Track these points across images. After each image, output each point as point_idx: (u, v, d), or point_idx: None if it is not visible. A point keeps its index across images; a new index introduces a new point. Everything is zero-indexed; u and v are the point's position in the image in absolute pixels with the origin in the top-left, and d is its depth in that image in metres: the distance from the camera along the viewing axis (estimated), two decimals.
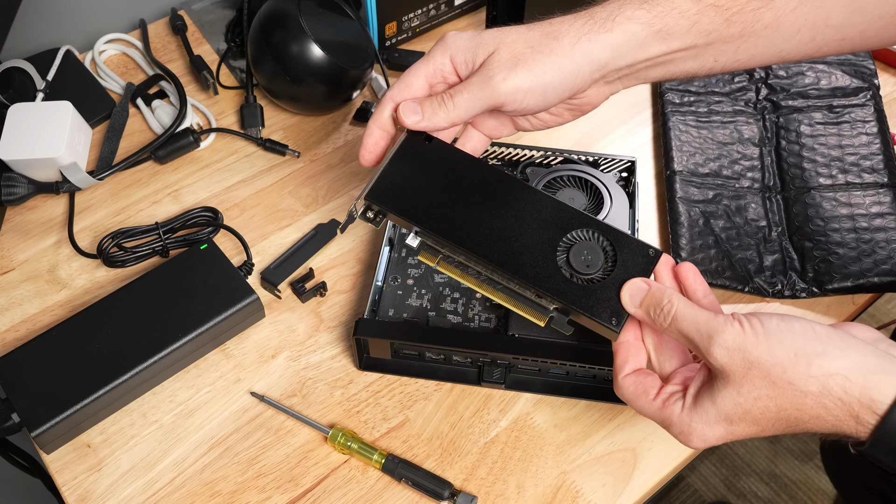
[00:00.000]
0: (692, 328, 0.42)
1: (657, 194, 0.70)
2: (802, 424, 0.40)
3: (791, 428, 0.41)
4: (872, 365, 0.39)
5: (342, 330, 0.62)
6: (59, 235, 0.67)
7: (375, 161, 0.52)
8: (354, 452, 0.55)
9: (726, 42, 0.48)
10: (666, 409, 0.43)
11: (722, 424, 0.41)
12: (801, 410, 0.39)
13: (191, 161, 0.72)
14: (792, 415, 0.40)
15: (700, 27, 0.47)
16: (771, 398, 0.40)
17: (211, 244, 0.62)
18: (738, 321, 0.41)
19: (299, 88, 0.68)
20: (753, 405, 0.40)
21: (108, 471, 0.55)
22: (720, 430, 0.41)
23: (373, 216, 0.50)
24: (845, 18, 0.48)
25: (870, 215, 0.65)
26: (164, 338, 0.57)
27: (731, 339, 0.40)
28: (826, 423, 0.39)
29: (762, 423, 0.41)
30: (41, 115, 0.68)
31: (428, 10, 0.80)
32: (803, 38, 0.49)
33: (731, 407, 0.41)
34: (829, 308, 0.63)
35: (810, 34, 0.48)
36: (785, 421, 0.40)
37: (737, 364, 0.40)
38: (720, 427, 0.41)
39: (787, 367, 0.39)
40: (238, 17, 0.80)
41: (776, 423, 0.41)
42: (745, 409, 0.40)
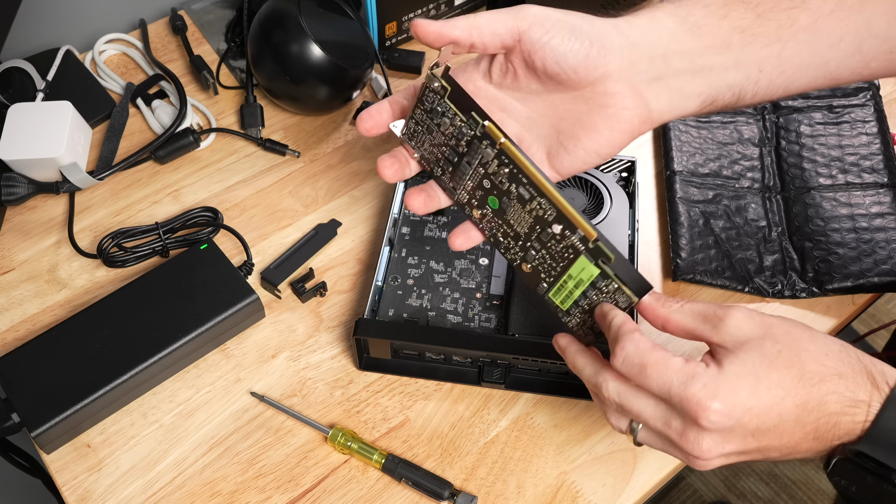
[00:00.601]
0: (706, 304, 0.42)
1: (657, 194, 0.70)
2: (826, 384, 0.39)
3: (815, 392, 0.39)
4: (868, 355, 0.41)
5: (342, 330, 0.62)
6: (59, 235, 0.67)
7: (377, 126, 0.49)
8: (354, 452, 0.55)
9: (765, 45, 0.45)
10: (690, 365, 0.40)
11: (748, 379, 0.39)
12: (825, 365, 0.39)
13: (191, 161, 0.72)
14: (817, 372, 0.39)
15: (731, 21, 0.45)
16: (794, 353, 0.39)
17: (211, 244, 0.62)
18: None
19: (299, 88, 0.68)
20: (778, 357, 0.39)
21: (108, 471, 0.55)
22: (745, 388, 0.38)
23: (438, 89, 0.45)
24: (889, 27, 0.46)
25: (870, 215, 0.65)
26: (164, 338, 0.57)
27: (748, 310, 0.41)
28: (847, 383, 0.39)
29: (787, 383, 0.39)
30: (41, 115, 0.68)
31: (428, 11, 0.80)
32: (849, 48, 0.46)
33: (756, 358, 0.39)
34: (829, 308, 0.63)
35: (856, 43, 0.46)
36: (809, 379, 0.39)
37: (756, 324, 0.40)
38: (745, 383, 0.38)
39: (807, 328, 0.41)
40: (238, 17, 0.80)
41: (801, 383, 0.39)
42: (771, 361, 0.39)
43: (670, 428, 0.40)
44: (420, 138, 0.47)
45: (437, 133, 0.46)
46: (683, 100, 0.45)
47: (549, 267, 0.45)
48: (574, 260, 0.43)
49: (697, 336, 0.42)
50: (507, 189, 0.44)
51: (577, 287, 0.44)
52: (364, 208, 0.69)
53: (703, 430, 0.39)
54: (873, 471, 0.39)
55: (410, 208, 0.48)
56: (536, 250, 0.45)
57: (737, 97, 0.46)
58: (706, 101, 0.46)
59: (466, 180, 0.46)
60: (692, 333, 0.42)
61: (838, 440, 0.40)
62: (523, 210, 0.44)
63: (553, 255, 0.44)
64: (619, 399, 0.42)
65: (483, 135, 0.43)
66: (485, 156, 0.44)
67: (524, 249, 0.45)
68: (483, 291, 0.60)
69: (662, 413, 0.40)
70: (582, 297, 0.44)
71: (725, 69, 0.45)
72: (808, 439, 0.40)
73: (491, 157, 0.44)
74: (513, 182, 0.44)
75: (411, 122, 0.47)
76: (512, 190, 0.44)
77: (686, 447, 0.39)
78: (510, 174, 0.43)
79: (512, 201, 0.44)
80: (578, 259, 0.43)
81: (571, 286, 0.44)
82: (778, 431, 0.39)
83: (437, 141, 0.46)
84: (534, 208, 0.44)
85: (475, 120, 0.44)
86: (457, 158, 0.46)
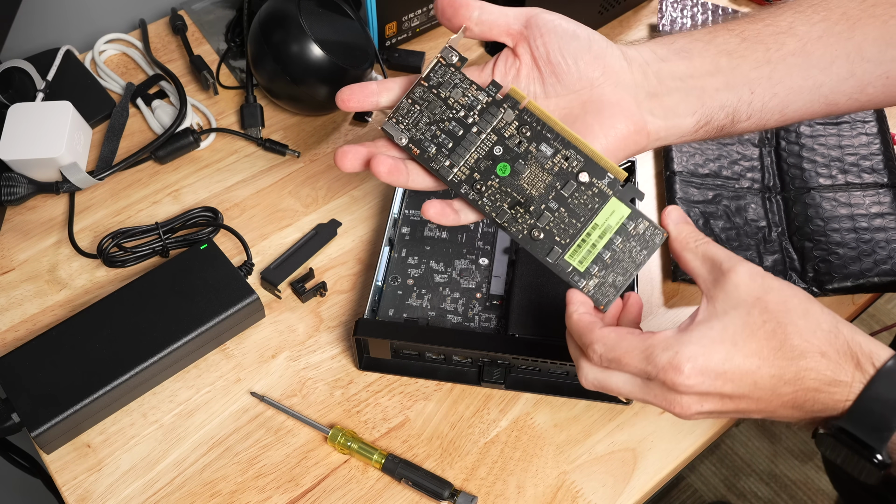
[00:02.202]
0: (721, 252, 0.42)
1: (657, 195, 0.70)
2: (806, 360, 0.39)
3: (792, 365, 0.39)
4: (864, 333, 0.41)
5: (342, 330, 0.62)
6: (59, 235, 0.67)
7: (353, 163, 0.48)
8: (354, 452, 0.55)
9: (754, 67, 0.46)
10: (659, 336, 0.41)
11: (724, 345, 0.39)
12: (809, 342, 0.39)
13: (191, 161, 0.72)
14: (799, 346, 0.39)
15: (717, 46, 0.46)
16: (780, 324, 0.39)
17: (211, 244, 0.62)
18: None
19: (299, 88, 0.68)
20: (761, 329, 0.39)
21: (108, 471, 0.55)
22: (720, 352, 0.39)
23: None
24: (881, 52, 0.47)
25: (870, 215, 0.65)
26: (164, 338, 0.57)
27: (757, 268, 0.41)
28: (829, 363, 0.39)
29: (764, 353, 0.39)
30: (41, 115, 0.68)
31: (428, 10, 0.80)
32: (841, 72, 0.47)
33: (738, 326, 0.40)
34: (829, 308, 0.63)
35: (848, 67, 0.47)
36: (789, 352, 0.39)
37: (756, 286, 0.40)
38: (720, 347, 0.39)
39: (805, 301, 0.40)
40: (238, 17, 0.80)
41: (779, 354, 0.39)
42: (752, 332, 0.39)
43: (650, 395, 0.42)
44: (414, 118, 0.47)
45: (440, 108, 0.47)
46: (678, 117, 0.47)
47: (568, 224, 0.46)
48: (601, 207, 0.45)
49: (698, 281, 0.43)
50: (527, 149, 0.46)
51: (602, 237, 0.45)
52: (364, 208, 0.69)
53: (680, 393, 0.40)
54: (854, 448, 0.40)
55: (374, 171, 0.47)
56: (552, 210, 0.46)
57: (731, 118, 0.47)
58: (701, 121, 0.47)
59: (472, 152, 0.46)
60: (695, 275, 0.43)
61: (820, 413, 0.40)
62: (542, 169, 0.46)
63: (574, 210, 0.46)
64: (599, 385, 0.44)
65: (505, 98, 0.46)
66: (505, 118, 0.46)
67: (537, 214, 0.46)
68: (483, 291, 0.60)
69: (640, 386, 0.42)
70: (606, 248, 0.45)
71: (717, 90, 0.46)
72: (786, 407, 0.41)
73: (511, 118, 0.46)
74: (534, 140, 0.46)
75: (405, 103, 0.47)
76: (532, 150, 0.46)
77: (666, 407, 0.41)
78: (533, 133, 0.46)
79: (529, 162, 0.46)
80: (608, 203, 0.45)
81: (596, 237, 0.45)
82: (754, 397, 0.40)
83: (438, 117, 0.47)
84: (557, 162, 0.46)
85: (496, 85, 0.46)
86: (462, 131, 0.46)
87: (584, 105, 0.46)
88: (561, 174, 0.46)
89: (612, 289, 0.46)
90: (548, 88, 0.46)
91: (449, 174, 0.47)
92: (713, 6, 0.82)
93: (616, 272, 0.45)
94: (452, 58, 0.47)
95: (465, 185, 0.47)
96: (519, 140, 0.46)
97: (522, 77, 0.47)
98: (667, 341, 0.40)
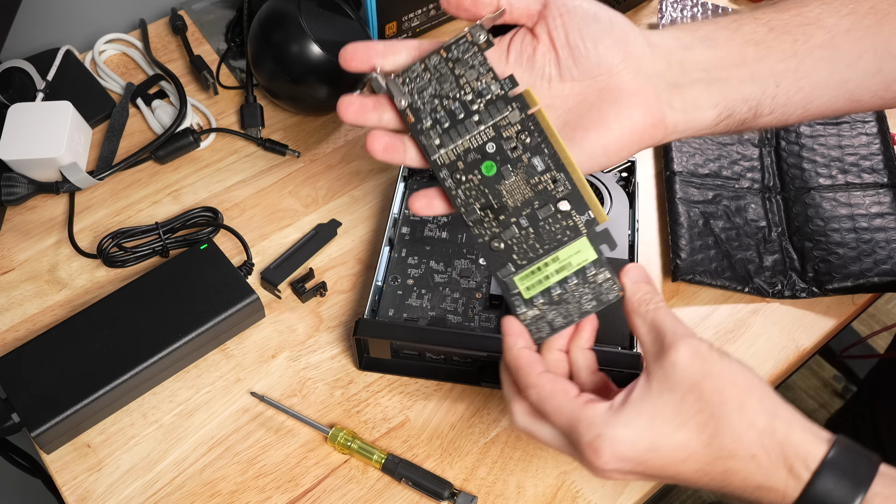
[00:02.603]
0: (668, 322, 0.40)
1: (657, 195, 0.70)
2: (734, 461, 0.37)
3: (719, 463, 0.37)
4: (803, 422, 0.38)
5: (342, 330, 0.62)
6: (59, 235, 0.67)
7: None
8: (354, 452, 0.55)
9: (780, 59, 0.44)
10: (589, 408, 0.39)
11: (650, 433, 0.38)
12: (740, 443, 0.37)
13: (191, 161, 0.72)
14: (728, 446, 0.37)
15: (744, 35, 0.44)
16: (713, 417, 0.37)
17: (211, 244, 0.62)
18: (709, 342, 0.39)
19: (299, 88, 0.68)
20: (692, 420, 0.37)
21: (108, 471, 0.55)
22: (645, 441, 0.38)
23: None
24: None
25: (870, 215, 0.65)
26: (164, 338, 0.57)
27: (702, 346, 0.38)
28: (759, 467, 0.37)
29: (692, 447, 0.37)
30: (41, 115, 0.68)
31: (428, 10, 0.80)
32: (868, 68, 0.45)
33: (669, 412, 0.38)
34: (829, 308, 0.63)
35: (875, 63, 0.45)
36: (718, 450, 0.37)
37: (694, 369, 0.38)
38: (646, 435, 0.38)
39: (742, 392, 0.38)
40: (238, 17, 0.80)
41: (707, 451, 0.37)
42: (682, 421, 0.37)
43: (574, 456, 0.41)
44: (421, 85, 0.44)
45: (450, 85, 0.44)
46: (699, 110, 0.44)
47: (531, 248, 0.43)
48: (569, 242, 0.43)
49: (642, 349, 0.41)
50: (519, 157, 0.43)
51: (560, 272, 0.43)
52: (364, 208, 0.69)
53: (597, 469, 0.39)
54: None
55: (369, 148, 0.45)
56: (521, 227, 0.43)
57: (754, 112, 0.45)
58: (722, 114, 0.45)
59: (465, 139, 0.44)
60: (640, 342, 0.41)
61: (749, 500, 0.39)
62: (526, 182, 0.43)
63: (542, 234, 0.43)
64: (528, 431, 0.43)
65: (517, 97, 0.43)
66: (509, 118, 0.43)
67: (505, 225, 0.44)
68: (483, 291, 0.60)
69: (566, 445, 0.41)
70: (558, 285, 0.43)
71: (741, 81, 0.44)
72: (712, 489, 0.39)
73: (515, 120, 0.43)
74: (530, 151, 0.43)
75: (418, 67, 0.44)
76: (524, 159, 0.43)
77: (586, 467, 0.40)
78: (531, 142, 0.43)
79: (517, 171, 0.43)
80: (577, 241, 0.43)
81: (552, 270, 0.43)
82: (677, 480, 0.39)
83: (445, 92, 0.44)
84: (542, 181, 0.43)
85: (513, 81, 0.43)
86: (463, 115, 0.44)
87: (601, 92, 0.43)
88: (543, 194, 0.43)
89: (547, 327, 0.43)
90: (563, 71, 0.44)
91: (434, 153, 0.44)
92: (713, 6, 0.82)
93: (559, 312, 0.43)
94: (480, 37, 0.44)
95: (445, 170, 0.44)
96: (515, 145, 0.44)
97: (538, 58, 0.44)
98: (592, 419, 0.39)
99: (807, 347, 0.61)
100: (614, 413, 0.39)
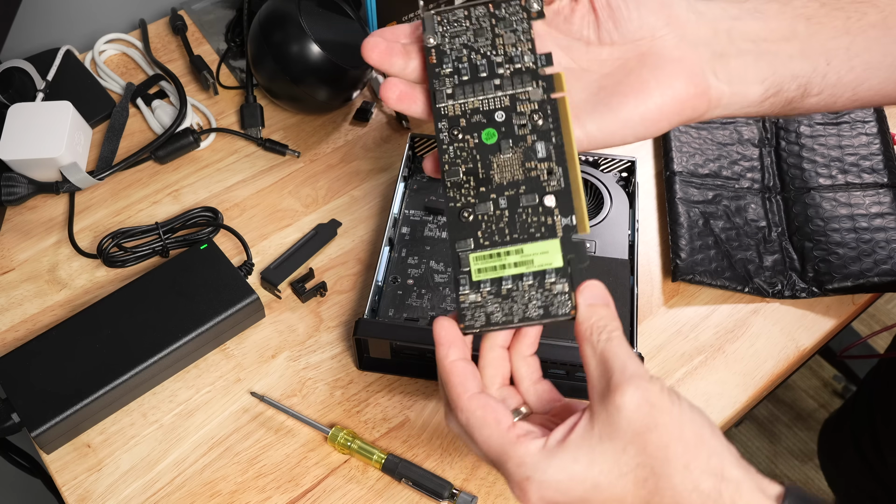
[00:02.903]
0: (619, 358, 0.36)
1: (657, 195, 0.70)
2: None
3: None
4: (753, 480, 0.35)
5: (342, 330, 0.62)
6: (59, 235, 0.67)
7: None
8: (354, 452, 0.55)
9: (832, 36, 0.42)
10: (520, 444, 0.36)
11: (585, 482, 0.35)
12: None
13: (191, 161, 0.72)
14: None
15: (794, 9, 0.42)
16: (654, 474, 0.34)
17: (211, 244, 0.62)
18: (661, 383, 0.36)
19: (299, 88, 0.68)
20: (632, 473, 0.34)
21: (108, 471, 0.55)
22: (577, 490, 0.35)
23: None
24: None
25: (870, 215, 0.65)
26: (164, 338, 0.57)
27: (651, 391, 0.35)
28: None
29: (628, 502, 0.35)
30: (41, 115, 0.68)
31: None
32: None
33: (607, 465, 0.35)
34: (829, 308, 0.63)
35: None
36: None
37: (640, 417, 0.34)
38: (580, 485, 0.35)
39: (690, 449, 0.34)
40: (238, 17, 0.80)
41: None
42: (621, 473, 0.34)
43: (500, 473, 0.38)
44: (455, 31, 0.42)
45: (484, 40, 0.42)
46: (745, 84, 0.41)
47: (499, 230, 0.40)
48: (540, 239, 0.39)
49: (588, 383, 0.37)
50: (524, 136, 0.41)
51: (518, 266, 0.39)
52: (364, 208, 0.69)
53: None
54: None
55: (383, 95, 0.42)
56: (498, 206, 0.40)
57: (802, 90, 0.42)
58: (770, 90, 0.42)
59: (478, 99, 0.41)
60: (587, 374, 0.38)
61: None
62: (521, 164, 0.41)
63: (515, 222, 0.40)
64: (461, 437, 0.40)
65: (545, 77, 0.41)
66: (530, 94, 0.41)
67: (482, 198, 0.40)
68: None
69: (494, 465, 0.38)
70: (512, 279, 0.39)
71: (790, 56, 0.42)
72: None
73: (536, 98, 0.41)
74: (536, 133, 0.41)
75: (460, 14, 0.42)
76: (528, 140, 0.41)
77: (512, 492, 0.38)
78: (541, 126, 0.41)
79: (516, 149, 0.41)
80: (549, 241, 0.39)
81: (511, 261, 0.40)
82: None
83: (477, 47, 0.42)
84: (537, 169, 0.40)
85: (549, 59, 0.41)
86: (486, 74, 0.41)
87: (642, 57, 0.40)
88: (533, 182, 0.40)
89: (483, 318, 0.39)
90: (602, 34, 0.41)
91: (442, 101, 0.41)
92: None
93: (501, 308, 0.39)
94: (534, 5, 0.41)
95: (445, 121, 0.41)
96: (525, 122, 0.41)
97: (576, 19, 0.41)
98: (522, 459, 0.36)
99: (807, 347, 0.61)
100: (548, 454, 0.36)
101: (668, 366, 0.60)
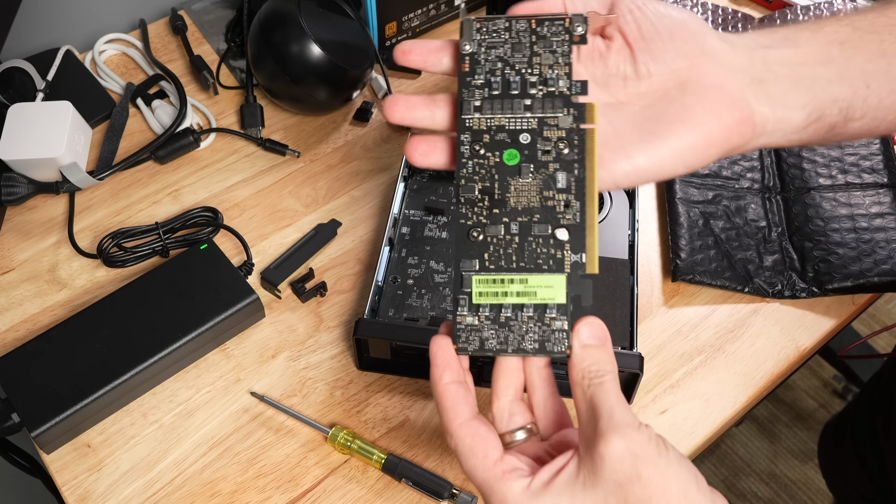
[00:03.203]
0: (607, 404, 0.35)
1: (657, 195, 0.70)
2: None
3: None
4: None
5: (342, 330, 0.62)
6: (59, 235, 0.67)
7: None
8: (354, 452, 0.55)
9: (869, 59, 0.41)
10: (505, 481, 0.36)
11: None
12: None
13: (191, 161, 0.72)
14: None
15: (826, 35, 0.42)
16: None
17: (211, 244, 0.62)
18: (650, 432, 0.35)
19: (299, 88, 0.68)
20: None
21: (108, 471, 0.55)
22: None
23: None
24: None
25: (870, 215, 0.65)
26: (164, 338, 0.57)
27: (637, 441, 0.34)
28: None
29: None
30: (41, 115, 0.68)
31: (428, 10, 0.80)
32: None
33: None
34: (829, 308, 0.63)
35: None
36: None
37: (625, 468, 0.33)
38: None
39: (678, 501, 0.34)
40: (238, 17, 0.80)
41: None
42: None
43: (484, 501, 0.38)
44: (493, 42, 0.41)
45: (521, 57, 0.41)
46: (787, 109, 0.41)
47: (506, 256, 0.39)
48: (548, 272, 0.38)
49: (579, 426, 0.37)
50: (546, 163, 0.39)
51: (520, 296, 0.39)
52: (364, 208, 0.69)
53: None
54: None
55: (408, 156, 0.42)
56: (509, 231, 0.39)
57: (844, 115, 0.42)
58: (812, 115, 0.41)
59: (506, 114, 0.40)
60: (578, 416, 0.37)
61: None
62: (539, 191, 0.39)
63: (524, 250, 0.39)
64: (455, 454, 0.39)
65: (577, 105, 0.40)
66: (559, 121, 0.40)
67: (494, 220, 0.39)
68: None
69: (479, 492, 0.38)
70: (512, 308, 0.39)
71: (828, 81, 0.41)
72: None
73: (565, 126, 0.40)
74: (559, 163, 0.39)
75: (501, 24, 0.41)
76: (550, 168, 0.39)
77: None
78: (565, 156, 0.39)
79: (536, 175, 0.39)
80: (554, 276, 0.38)
81: (514, 290, 0.39)
82: None
83: (513, 62, 0.41)
84: (555, 199, 0.39)
85: (584, 87, 0.40)
86: (517, 91, 0.40)
87: (683, 86, 0.40)
88: (548, 212, 0.39)
89: (477, 342, 0.39)
90: (640, 68, 0.41)
91: (468, 113, 0.40)
92: (713, 6, 0.82)
93: (496, 335, 0.39)
94: (578, 28, 0.40)
95: (468, 134, 0.40)
96: (549, 149, 0.39)
97: (612, 55, 0.41)
98: (504, 496, 0.35)
99: (807, 347, 0.61)
100: (531, 497, 0.35)
101: (667, 366, 0.60)
